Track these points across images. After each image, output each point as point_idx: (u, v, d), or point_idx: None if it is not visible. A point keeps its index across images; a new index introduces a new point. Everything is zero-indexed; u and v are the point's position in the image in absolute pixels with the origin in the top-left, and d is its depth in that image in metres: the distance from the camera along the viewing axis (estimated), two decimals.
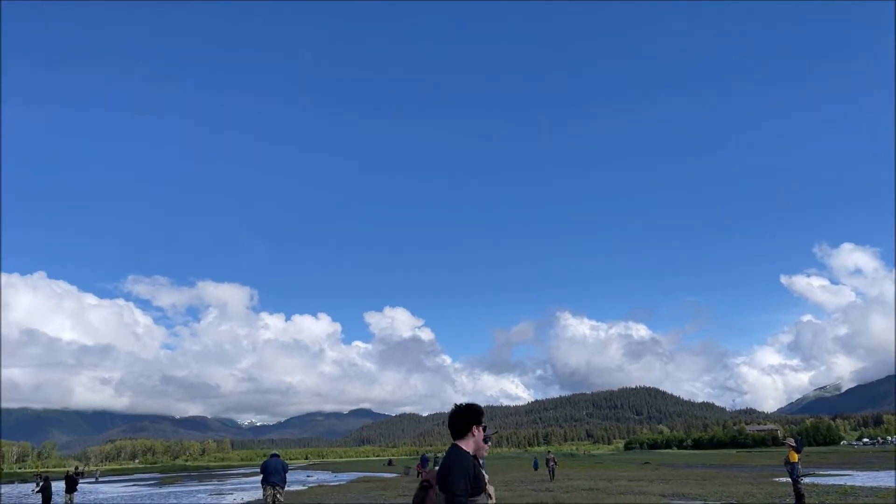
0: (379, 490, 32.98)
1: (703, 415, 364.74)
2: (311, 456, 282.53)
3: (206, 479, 73.66)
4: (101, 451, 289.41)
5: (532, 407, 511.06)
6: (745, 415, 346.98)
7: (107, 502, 35.53)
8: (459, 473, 4.32)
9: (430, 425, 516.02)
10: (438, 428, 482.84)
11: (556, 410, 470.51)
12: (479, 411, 4.72)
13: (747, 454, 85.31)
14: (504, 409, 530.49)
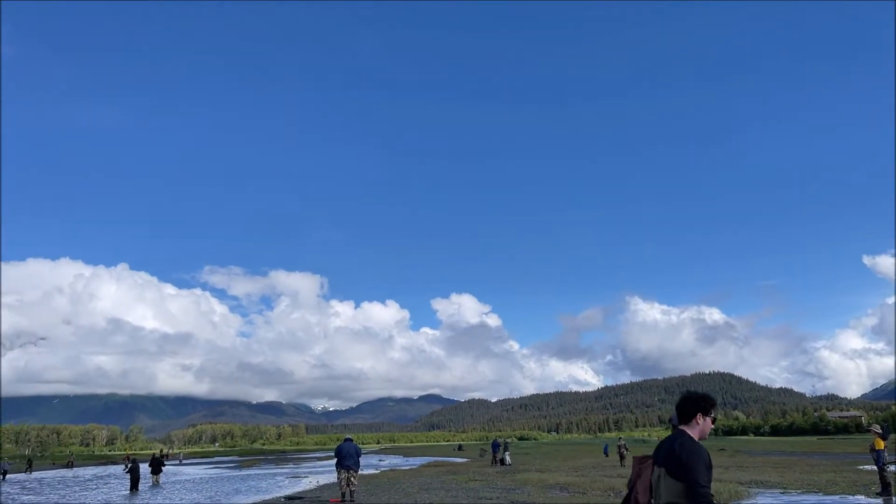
0: (450, 474, 33.33)
1: (782, 401, 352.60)
2: (382, 440, 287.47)
3: (283, 463, 75.96)
4: (183, 435, 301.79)
5: (602, 393, 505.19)
6: (826, 401, 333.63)
7: (192, 483, 37.11)
8: (701, 464, 4.42)
9: (499, 411, 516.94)
10: (507, 414, 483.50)
11: (626, 396, 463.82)
12: (709, 401, 4.84)
13: (829, 441, 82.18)
14: (573, 394, 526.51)
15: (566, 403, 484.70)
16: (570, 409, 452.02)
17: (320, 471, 48.70)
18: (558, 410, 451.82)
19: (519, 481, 25.86)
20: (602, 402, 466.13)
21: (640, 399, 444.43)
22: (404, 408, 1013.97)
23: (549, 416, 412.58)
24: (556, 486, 22.97)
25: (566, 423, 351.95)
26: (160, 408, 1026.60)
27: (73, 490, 34.70)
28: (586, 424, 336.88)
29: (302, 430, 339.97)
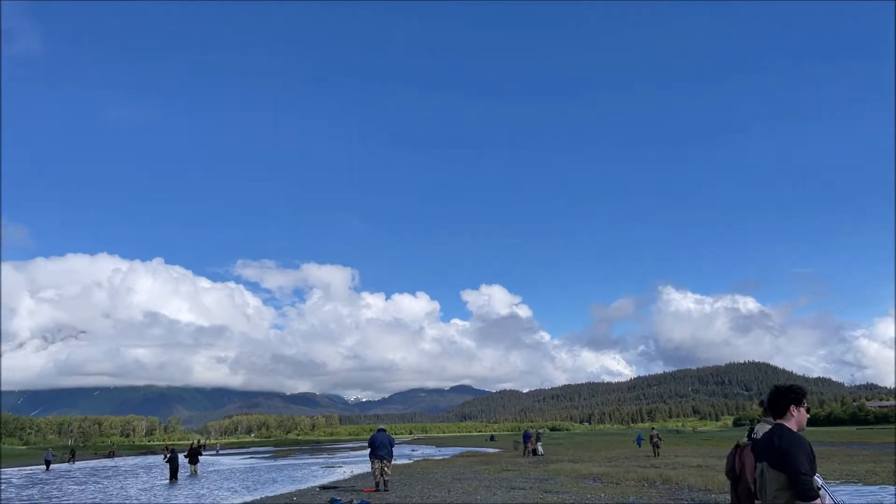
0: (482, 464, 33.45)
1: (819, 390, 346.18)
2: (414, 431, 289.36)
3: (317, 453, 76.89)
4: (220, 426, 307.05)
5: (635, 383, 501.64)
6: (865, 390, 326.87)
7: (229, 473, 37.80)
8: (802, 454, 4.54)
9: (530, 401, 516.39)
10: (539, 404, 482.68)
11: (660, 386, 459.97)
12: (799, 391, 4.96)
13: (868, 431, 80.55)
14: (605, 385, 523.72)
15: (598, 394, 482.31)
16: (603, 399, 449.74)
17: (354, 461, 49.22)
18: (590, 401, 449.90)
19: (552, 471, 25.87)
20: (635, 392, 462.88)
21: (674, 389, 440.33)
22: (436, 398, 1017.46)
23: (581, 407, 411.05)
24: (590, 476, 22.94)
25: (598, 413, 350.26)
26: (197, 399, 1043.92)
27: (114, 479, 35.58)
28: (619, 415, 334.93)
29: (335, 421, 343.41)
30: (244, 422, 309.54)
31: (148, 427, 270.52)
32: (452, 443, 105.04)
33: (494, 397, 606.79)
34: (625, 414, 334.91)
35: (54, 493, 26.76)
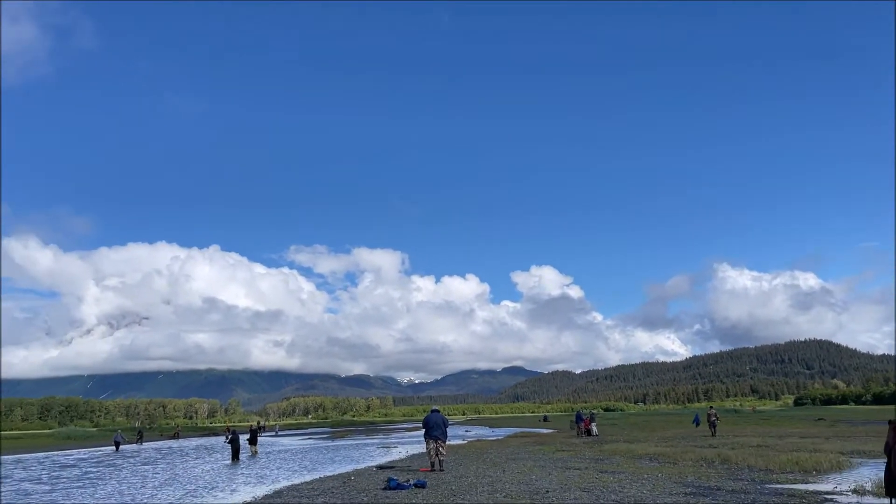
0: (537, 445, 33.52)
1: (885, 368, 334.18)
2: (467, 412, 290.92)
3: (373, 433, 78.13)
4: (278, 408, 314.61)
5: (690, 362, 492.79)
6: None
7: (288, 453, 38.76)
8: None
9: (584, 382, 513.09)
10: (592, 385, 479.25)
11: (716, 366, 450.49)
12: None
13: None
14: (660, 365, 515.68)
15: (653, 374, 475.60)
16: (657, 379, 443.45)
17: (409, 441, 49.86)
18: (645, 381, 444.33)
19: (607, 452, 25.75)
20: (690, 371, 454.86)
21: (731, 368, 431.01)
22: (488, 380, 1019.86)
23: (635, 387, 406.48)
24: (646, 456, 22.76)
25: (653, 393, 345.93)
26: (255, 382, 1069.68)
27: (180, 459, 36.89)
28: (674, 395, 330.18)
29: (389, 402, 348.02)
30: (301, 404, 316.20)
31: (209, 409, 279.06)
32: (505, 423, 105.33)
33: (547, 378, 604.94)
34: (680, 394, 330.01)
35: (126, 472, 27.92)
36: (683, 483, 14.89)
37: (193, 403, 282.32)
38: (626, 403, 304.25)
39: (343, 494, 15.19)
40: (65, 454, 48.84)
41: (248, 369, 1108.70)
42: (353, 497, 14.56)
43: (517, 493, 13.98)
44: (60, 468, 32.64)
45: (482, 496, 13.61)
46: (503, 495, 13.64)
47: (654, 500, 12.38)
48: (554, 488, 14.50)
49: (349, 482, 18.12)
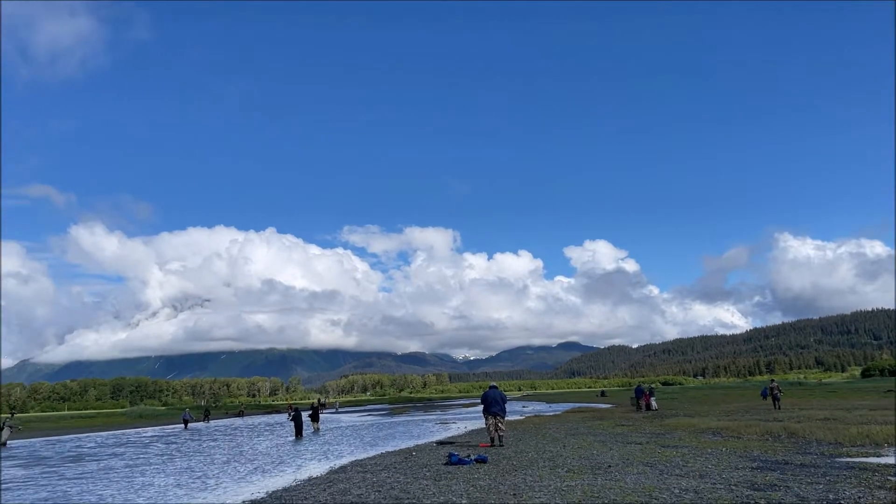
0: (595, 420, 33.40)
1: None
2: (523, 387, 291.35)
3: (431, 410, 79.03)
4: (337, 385, 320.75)
5: (751, 335, 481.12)
6: None
7: (349, 429, 39.59)
8: None
9: (641, 356, 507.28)
10: (649, 359, 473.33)
11: (778, 338, 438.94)
12: None
13: None
14: (720, 338, 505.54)
15: (712, 347, 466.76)
16: (717, 352, 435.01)
17: (466, 417, 50.29)
18: (703, 355, 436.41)
19: (668, 426, 25.49)
20: (751, 344, 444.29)
21: (794, 340, 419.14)
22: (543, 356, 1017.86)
23: (694, 361, 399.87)
24: (709, 430, 22.45)
25: (713, 367, 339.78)
26: (314, 360, 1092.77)
27: (246, 436, 38.10)
28: (735, 368, 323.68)
29: (445, 379, 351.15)
30: (359, 381, 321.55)
31: (271, 387, 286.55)
32: (562, 399, 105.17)
33: (603, 353, 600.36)
34: (741, 367, 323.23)
35: (195, 449, 29.01)
36: (749, 457, 14.66)
37: (256, 382, 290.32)
38: (684, 377, 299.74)
39: (406, 469, 15.47)
40: (137, 432, 50.97)
41: (307, 348, 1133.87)
42: (415, 472, 14.82)
43: (579, 467, 14.00)
44: (135, 445, 34.10)
45: (544, 471, 13.67)
46: (565, 470, 13.68)
47: (720, 474, 12.24)
48: (616, 463, 14.47)
49: (411, 457, 18.43)
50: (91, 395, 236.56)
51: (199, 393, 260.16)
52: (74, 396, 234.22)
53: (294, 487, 13.86)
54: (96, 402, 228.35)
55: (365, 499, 11.36)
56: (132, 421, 75.55)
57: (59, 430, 57.32)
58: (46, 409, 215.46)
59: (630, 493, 10.44)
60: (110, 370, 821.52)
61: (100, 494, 15.26)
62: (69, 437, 47.07)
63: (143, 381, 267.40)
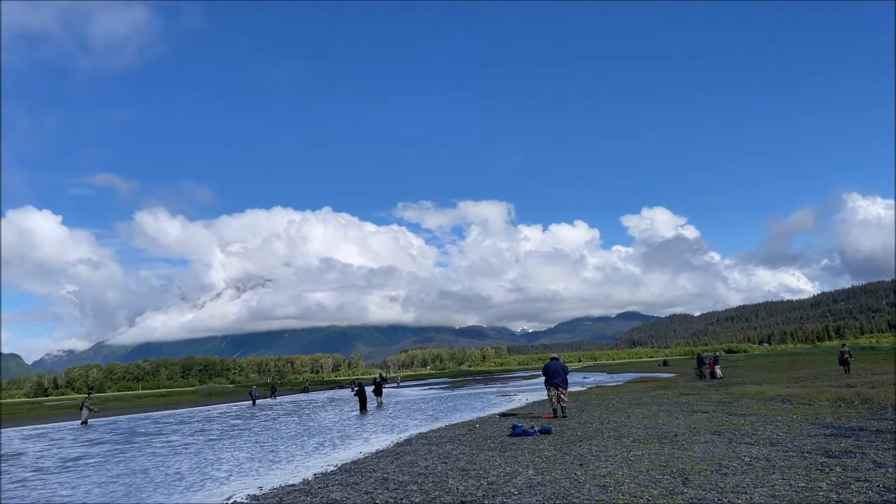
0: (659, 389, 33.04)
1: None
2: (583, 359, 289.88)
3: (491, 382, 79.51)
4: (397, 360, 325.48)
5: (819, 300, 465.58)
6: None
7: (412, 403, 40.19)
8: None
9: (703, 325, 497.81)
10: (712, 327, 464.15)
11: (848, 302, 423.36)
12: None
13: None
14: (785, 303, 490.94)
15: (777, 313, 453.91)
16: (783, 318, 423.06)
17: (527, 389, 50.45)
18: (769, 321, 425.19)
19: (734, 394, 25.04)
20: (819, 309, 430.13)
21: (865, 304, 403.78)
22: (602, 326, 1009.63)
23: (758, 328, 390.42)
24: (777, 397, 21.95)
25: (779, 333, 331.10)
26: (374, 336, 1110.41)
27: (313, 411, 39.10)
28: (802, 334, 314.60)
29: (504, 352, 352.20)
30: (419, 356, 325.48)
31: (334, 363, 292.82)
32: (624, 369, 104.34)
33: (664, 322, 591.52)
34: (809, 332, 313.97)
35: (265, 424, 29.96)
36: (821, 424, 14.29)
37: (318, 359, 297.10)
38: (749, 345, 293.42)
39: (470, 441, 15.66)
40: (208, 409, 52.89)
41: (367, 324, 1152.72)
42: (480, 443, 14.98)
43: (644, 437, 13.91)
44: (207, 422, 35.42)
45: (609, 441, 13.64)
46: (630, 440, 13.62)
47: (792, 442, 11.99)
48: (682, 432, 14.32)
49: (475, 429, 18.63)
50: (163, 375, 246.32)
51: (265, 370, 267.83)
52: (147, 376, 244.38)
53: (362, 460, 14.20)
54: (168, 382, 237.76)
55: (432, 470, 11.57)
56: (203, 399, 78.41)
57: (135, 409, 59.95)
58: (122, 388, 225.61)
59: (699, 462, 10.34)
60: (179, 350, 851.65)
61: (178, 468, 15.94)
62: (145, 414, 49.21)
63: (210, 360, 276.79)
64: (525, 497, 8.60)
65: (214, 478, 14.08)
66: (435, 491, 9.56)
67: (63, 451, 22.88)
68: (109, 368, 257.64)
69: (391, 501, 9.06)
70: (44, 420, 48.51)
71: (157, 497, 12.14)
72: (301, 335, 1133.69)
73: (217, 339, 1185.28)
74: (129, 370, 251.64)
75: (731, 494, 7.98)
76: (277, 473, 13.85)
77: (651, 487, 8.67)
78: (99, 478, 15.30)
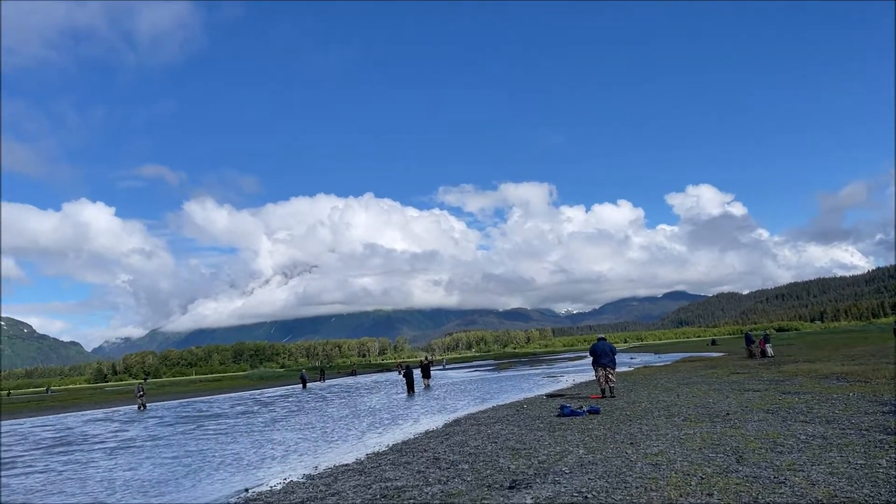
0: (708, 368, 32.60)
1: None
2: (629, 339, 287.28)
3: (536, 364, 79.47)
4: (442, 343, 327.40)
5: (873, 275, 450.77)
6: None
7: (459, 385, 40.48)
8: None
9: (752, 303, 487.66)
10: (761, 305, 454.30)
11: None
12: None
13: None
14: (838, 280, 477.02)
15: (830, 290, 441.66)
16: (836, 295, 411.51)
17: (573, 370, 50.30)
18: (821, 298, 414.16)
19: (786, 373, 24.58)
20: (874, 285, 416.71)
21: None
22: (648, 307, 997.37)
23: (810, 305, 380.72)
24: (832, 375, 21.48)
25: (832, 310, 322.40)
26: (419, 320, 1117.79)
27: (361, 394, 39.72)
28: (856, 311, 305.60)
29: (549, 333, 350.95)
30: (464, 338, 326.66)
31: (380, 347, 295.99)
32: (671, 349, 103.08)
33: (712, 301, 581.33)
34: (863, 309, 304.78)
35: (316, 406, 30.58)
36: (880, 402, 13.96)
37: (365, 342, 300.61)
38: (800, 322, 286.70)
39: (519, 421, 15.75)
40: (260, 392, 54.12)
41: (412, 308, 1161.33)
42: (529, 423, 15.07)
43: (695, 416, 13.80)
44: (259, 405, 36.29)
45: (659, 420, 13.58)
46: (681, 419, 13.53)
47: (849, 419, 11.76)
48: (734, 411, 14.16)
49: (522, 410, 18.72)
50: (215, 360, 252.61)
51: (313, 354, 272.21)
52: (200, 362, 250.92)
53: (413, 440, 14.43)
54: (220, 367, 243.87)
55: (482, 449, 11.70)
56: (254, 383, 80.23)
57: (190, 393, 61.69)
58: (176, 374, 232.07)
59: (752, 441, 10.23)
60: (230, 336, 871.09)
61: (235, 449, 16.44)
62: (199, 399, 50.64)
63: (261, 345, 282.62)
64: (577, 475, 8.66)
65: (271, 457, 14.51)
66: (486, 470, 9.69)
67: (123, 434, 23.76)
68: (164, 354, 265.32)
69: (443, 480, 9.22)
70: (105, 404, 50.32)
71: (219, 475, 12.58)
72: (347, 320, 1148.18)
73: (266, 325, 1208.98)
74: (183, 356, 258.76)
75: (787, 472, 7.91)
76: (331, 453, 14.18)
77: (704, 465, 8.64)
78: (159, 458, 15.88)
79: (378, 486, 9.23)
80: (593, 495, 7.48)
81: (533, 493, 7.84)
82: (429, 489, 8.66)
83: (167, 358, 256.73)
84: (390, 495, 8.52)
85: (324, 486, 9.76)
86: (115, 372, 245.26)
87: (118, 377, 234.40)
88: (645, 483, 7.87)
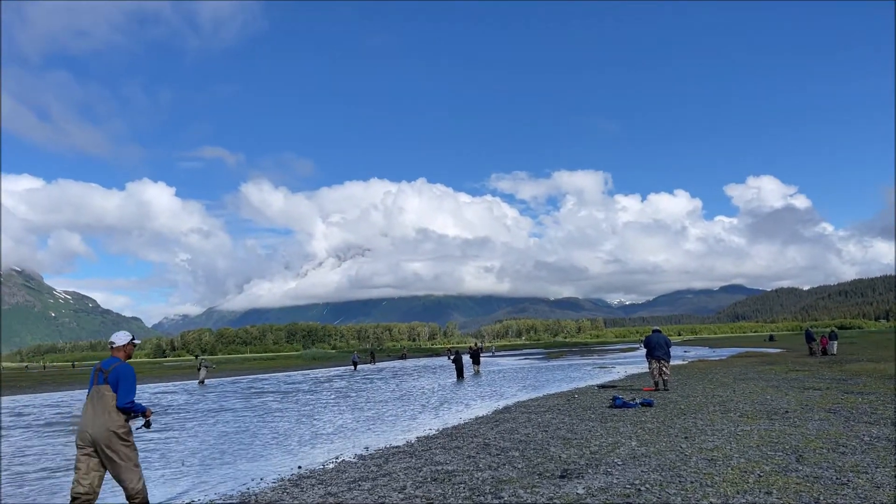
0: (765, 364, 31.78)
1: None
2: (683, 332, 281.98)
3: (587, 354, 78.81)
4: (492, 330, 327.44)
5: None
6: None
7: (508, 372, 40.46)
8: None
9: (812, 299, 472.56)
10: (823, 302, 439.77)
11: None
12: None
13: None
14: None
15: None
16: None
17: (626, 362, 49.69)
18: (887, 296, 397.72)
19: (849, 371, 23.77)
20: None
21: None
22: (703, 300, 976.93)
23: (875, 303, 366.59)
24: None
25: None
26: (469, 306, 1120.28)
27: (412, 377, 40.07)
28: None
29: (600, 324, 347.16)
30: (514, 326, 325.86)
31: (430, 332, 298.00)
32: (727, 343, 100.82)
33: (770, 296, 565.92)
34: None
35: (370, 387, 31.02)
36: None
37: (415, 327, 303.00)
38: (864, 321, 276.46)
39: (569, 411, 15.65)
40: (314, 372, 55.15)
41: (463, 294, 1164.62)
42: (580, 413, 14.96)
43: (752, 412, 13.47)
44: (312, 384, 36.99)
45: (715, 415, 13.31)
46: (737, 414, 13.23)
47: None
48: (793, 408, 13.77)
49: (573, 400, 18.59)
50: (269, 339, 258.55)
51: (364, 337, 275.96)
52: (254, 340, 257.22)
53: (463, 425, 14.49)
54: (273, 346, 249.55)
55: (533, 437, 11.67)
56: (307, 363, 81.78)
57: (245, 371, 63.27)
58: (231, 352, 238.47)
59: (813, 440, 9.94)
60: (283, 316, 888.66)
61: (288, 426, 16.81)
62: (254, 376, 51.89)
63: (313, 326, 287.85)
64: (630, 467, 8.56)
65: (324, 436, 14.79)
66: (537, 458, 9.66)
67: (182, 409, 24.53)
68: (220, 332, 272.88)
69: (494, 466, 9.24)
70: (165, 379, 52.04)
71: (272, 451, 12.88)
72: (398, 304, 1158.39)
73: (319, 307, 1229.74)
74: (238, 334, 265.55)
75: (850, 473, 7.66)
76: (381, 435, 14.37)
77: (762, 463, 8.43)
78: (216, 433, 16.35)
79: (429, 469, 9.30)
80: (646, 488, 7.39)
81: (585, 483, 7.78)
82: (479, 475, 8.69)
83: (223, 336, 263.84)
84: (441, 479, 8.58)
85: (375, 467, 9.89)
86: (174, 348, 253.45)
87: (176, 353, 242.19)
88: (700, 478, 7.73)
